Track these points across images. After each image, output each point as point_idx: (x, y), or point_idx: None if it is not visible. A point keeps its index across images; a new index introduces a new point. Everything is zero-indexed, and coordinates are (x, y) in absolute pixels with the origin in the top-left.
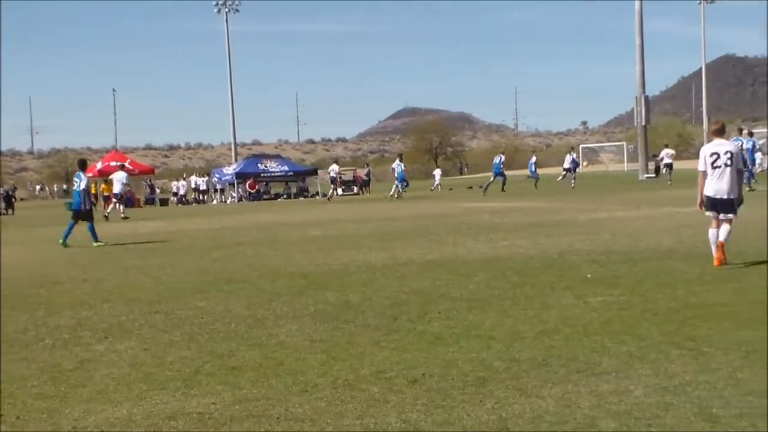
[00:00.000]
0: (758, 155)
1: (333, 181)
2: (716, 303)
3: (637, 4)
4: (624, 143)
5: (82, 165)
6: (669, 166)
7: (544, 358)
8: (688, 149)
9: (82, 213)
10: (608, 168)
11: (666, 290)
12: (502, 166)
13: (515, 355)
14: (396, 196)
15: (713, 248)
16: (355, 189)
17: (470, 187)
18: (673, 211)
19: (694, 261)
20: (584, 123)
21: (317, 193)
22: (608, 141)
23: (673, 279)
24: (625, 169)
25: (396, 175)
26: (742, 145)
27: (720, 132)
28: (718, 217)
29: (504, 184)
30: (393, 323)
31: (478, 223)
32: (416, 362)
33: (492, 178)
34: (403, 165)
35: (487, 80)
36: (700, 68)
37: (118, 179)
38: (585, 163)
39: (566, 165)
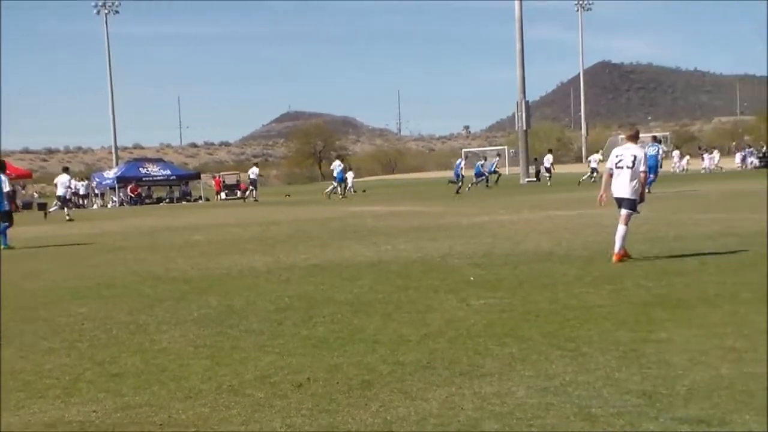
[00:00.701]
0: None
1: (253, 183)
2: (595, 304)
3: (516, 9)
4: (506, 147)
5: (2, 167)
6: (548, 170)
7: (428, 361)
8: (567, 153)
9: (3, 214)
10: None
11: (546, 292)
12: (461, 168)
13: (399, 358)
14: (334, 195)
15: (617, 249)
16: (239, 193)
17: (365, 191)
18: (553, 215)
19: (574, 263)
20: (467, 127)
21: (200, 197)
22: (490, 145)
23: (553, 281)
24: (507, 173)
25: (336, 174)
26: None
27: (634, 138)
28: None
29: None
30: (277, 328)
31: (363, 226)
32: (301, 367)
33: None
34: (342, 166)
35: (370, 84)
36: (578, 74)
37: None
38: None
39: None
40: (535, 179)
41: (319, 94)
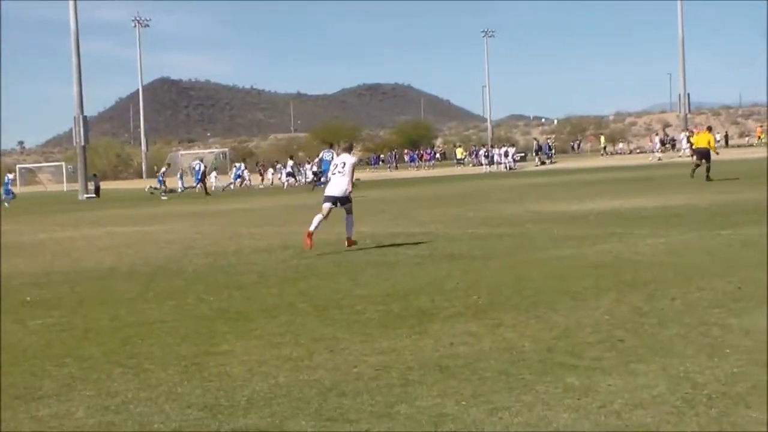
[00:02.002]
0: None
1: None
2: (157, 320)
3: (72, 23)
4: (63, 163)
5: None
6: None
7: None
8: (127, 169)
9: None
10: (47, 188)
11: (108, 309)
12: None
13: None
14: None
15: (312, 228)
16: None
17: None
18: (114, 231)
19: (136, 279)
20: (21, 143)
21: None
22: (46, 161)
23: (115, 298)
24: (65, 189)
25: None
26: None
27: (348, 149)
28: (330, 209)
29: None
30: None
31: None
32: None
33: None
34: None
35: None
36: (137, 90)
37: None
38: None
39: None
40: (94, 195)
41: None
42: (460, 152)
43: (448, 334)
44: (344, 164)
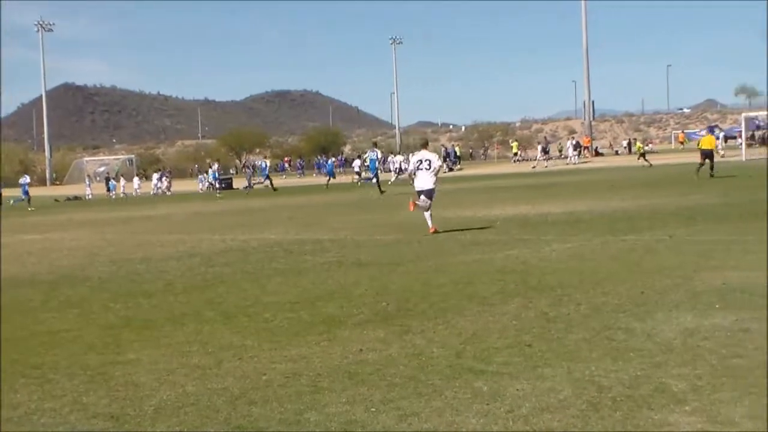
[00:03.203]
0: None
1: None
2: (62, 329)
3: None
4: None
5: None
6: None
7: None
8: (32, 176)
9: None
10: None
11: (12, 319)
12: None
13: None
14: None
15: (430, 222)
16: None
17: None
18: (20, 239)
19: (39, 288)
20: None
21: None
22: None
23: (19, 307)
24: None
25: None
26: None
27: (425, 145)
28: (420, 198)
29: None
30: None
31: None
32: None
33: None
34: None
35: None
36: (41, 96)
37: None
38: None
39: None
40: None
41: None
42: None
43: (357, 341)
44: (429, 161)
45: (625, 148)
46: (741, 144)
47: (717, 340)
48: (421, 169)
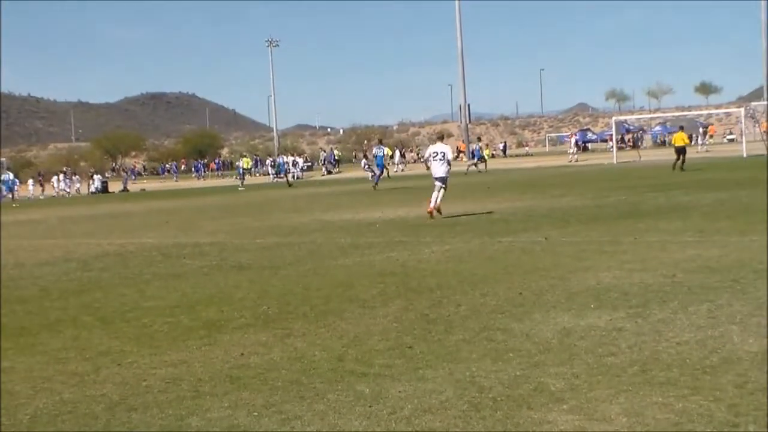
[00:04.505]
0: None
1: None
2: None
3: None
4: None
5: None
6: None
7: None
8: None
9: None
10: None
11: None
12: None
13: None
14: None
15: (432, 204)
16: None
17: None
18: None
19: None
20: None
21: None
22: None
23: None
24: None
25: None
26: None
27: (441, 138)
28: (436, 185)
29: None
30: None
31: None
32: None
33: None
34: None
35: None
36: None
37: None
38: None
39: None
40: None
41: None
42: (246, 162)
43: (238, 345)
44: (443, 153)
45: (501, 150)
46: (612, 147)
47: (592, 340)
48: (436, 160)
